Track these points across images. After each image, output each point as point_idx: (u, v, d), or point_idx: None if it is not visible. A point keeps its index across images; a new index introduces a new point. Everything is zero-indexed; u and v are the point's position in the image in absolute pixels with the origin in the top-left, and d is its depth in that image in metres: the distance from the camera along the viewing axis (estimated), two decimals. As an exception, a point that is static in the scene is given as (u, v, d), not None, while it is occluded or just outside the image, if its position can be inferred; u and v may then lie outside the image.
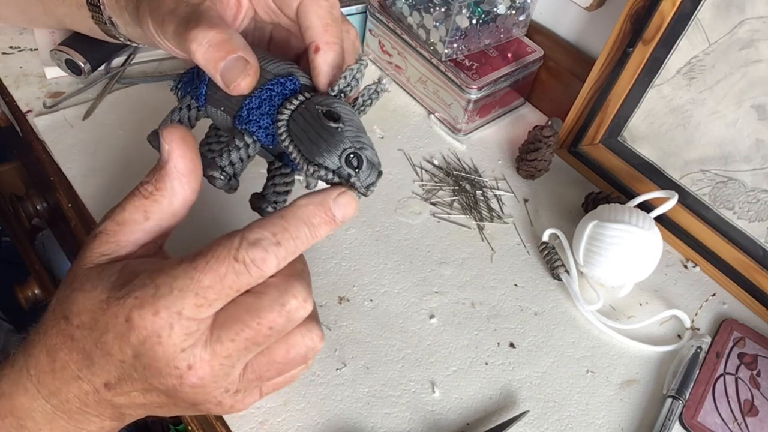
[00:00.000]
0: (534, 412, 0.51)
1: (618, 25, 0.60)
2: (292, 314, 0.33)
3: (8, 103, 0.66)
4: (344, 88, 0.38)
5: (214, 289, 0.32)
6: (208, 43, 0.35)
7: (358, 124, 0.37)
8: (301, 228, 0.33)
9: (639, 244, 0.55)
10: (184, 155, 0.35)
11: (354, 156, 0.36)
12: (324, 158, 0.36)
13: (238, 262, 0.31)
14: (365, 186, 0.37)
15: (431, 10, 0.66)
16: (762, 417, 0.53)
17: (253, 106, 0.38)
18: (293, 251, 0.33)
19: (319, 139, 0.36)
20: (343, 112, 0.36)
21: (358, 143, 0.36)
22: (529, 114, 0.76)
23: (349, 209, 0.35)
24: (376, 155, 0.38)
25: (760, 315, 0.60)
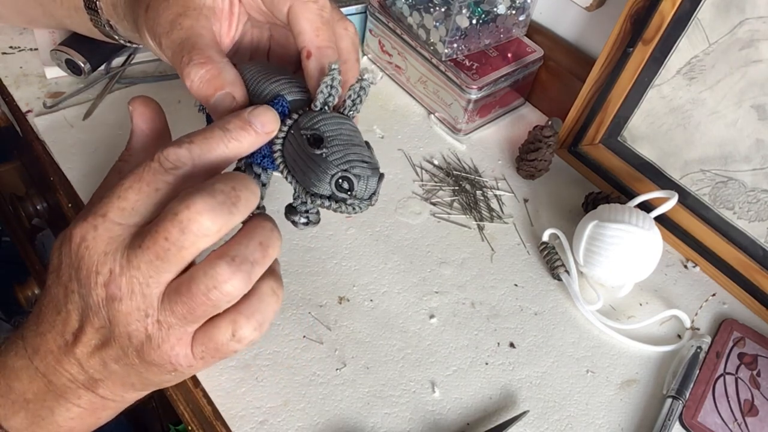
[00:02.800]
0: (534, 412, 0.51)
1: (618, 25, 0.60)
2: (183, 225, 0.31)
3: (8, 103, 0.66)
4: (326, 100, 0.37)
5: (134, 189, 0.33)
6: (199, 80, 0.37)
7: (346, 138, 0.37)
8: (215, 130, 0.34)
9: (639, 244, 0.55)
10: (142, 113, 0.39)
11: (343, 180, 0.36)
12: (317, 187, 0.36)
13: (153, 160, 0.33)
14: (366, 198, 0.37)
15: (431, 10, 0.66)
16: (762, 417, 0.53)
17: None
18: (207, 149, 0.34)
19: (308, 169, 0.36)
20: (327, 132, 0.36)
21: (345, 164, 0.36)
22: (529, 114, 0.76)
23: (266, 117, 0.35)
24: (371, 160, 0.37)
25: (760, 315, 0.60)
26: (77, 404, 0.36)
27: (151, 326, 0.33)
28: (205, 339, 0.34)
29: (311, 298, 0.55)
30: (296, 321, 0.53)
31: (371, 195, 0.37)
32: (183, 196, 0.32)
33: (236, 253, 0.33)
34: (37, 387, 0.36)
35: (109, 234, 0.33)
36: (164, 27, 0.39)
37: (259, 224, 0.35)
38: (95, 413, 0.38)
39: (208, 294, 0.32)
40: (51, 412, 0.36)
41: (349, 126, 0.37)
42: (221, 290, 0.32)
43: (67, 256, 0.34)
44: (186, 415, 0.49)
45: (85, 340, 0.34)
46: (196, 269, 0.33)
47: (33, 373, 0.36)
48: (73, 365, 0.35)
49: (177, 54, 0.38)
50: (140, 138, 0.40)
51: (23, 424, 0.36)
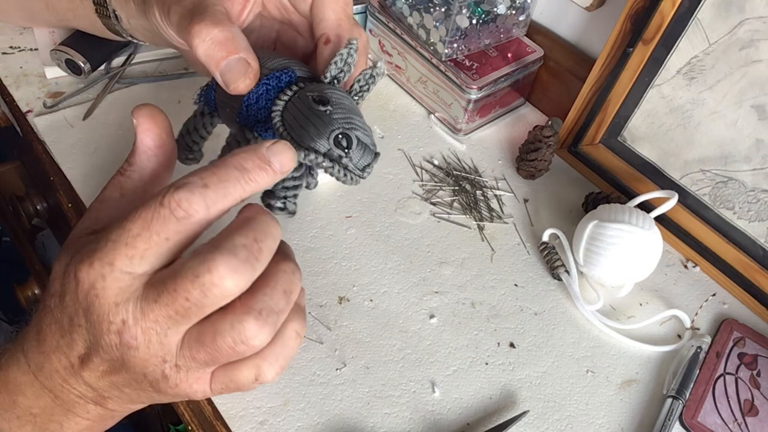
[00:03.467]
0: (534, 412, 0.51)
1: (618, 25, 0.60)
2: (206, 289, 0.30)
3: (8, 103, 0.66)
4: (337, 74, 0.37)
5: (143, 237, 0.31)
6: (211, 40, 0.35)
7: (350, 108, 0.36)
8: (231, 171, 0.32)
9: (639, 244, 0.55)
10: (149, 129, 0.36)
11: (343, 136, 0.35)
12: (314, 142, 0.35)
13: (164, 206, 0.31)
14: (360, 168, 0.36)
15: (431, 10, 0.66)
16: (762, 417, 0.53)
17: (251, 102, 0.38)
18: (223, 194, 0.31)
19: (309, 123, 0.35)
20: (333, 97, 0.36)
21: (348, 124, 0.35)
22: (529, 114, 0.76)
23: (285, 156, 0.33)
24: (370, 136, 0.37)
25: (760, 315, 0.60)
26: (86, 417, 0.37)
27: (168, 369, 0.33)
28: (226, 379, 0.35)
29: (311, 298, 0.55)
30: (296, 321, 0.53)
31: (365, 166, 0.37)
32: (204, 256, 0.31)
33: (262, 305, 0.32)
34: (44, 402, 0.36)
35: (118, 284, 0.31)
36: None
37: (281, 269, 0.34)
38: (103, 422, 0.38)
39: (234, 347, 0.32)
40: (60, 426, 0.36)
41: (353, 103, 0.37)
42: (248, 344, 0.32)
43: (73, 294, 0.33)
44: (186, 415, 0.49)
45: (93, 366, 0.34)
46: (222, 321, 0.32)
47: (38, 388, 0.36)
48: (81, 384, 0.35)
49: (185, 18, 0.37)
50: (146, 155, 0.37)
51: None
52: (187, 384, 0.34)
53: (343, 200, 0.63)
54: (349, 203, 0.63)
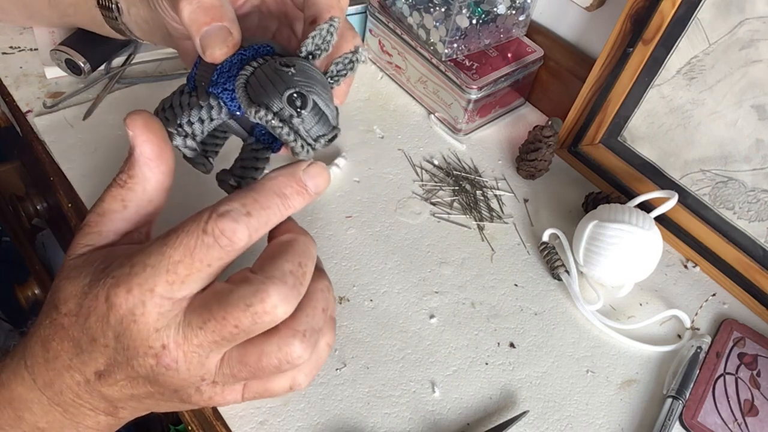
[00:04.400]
0: (534, 412, 0.51)
1: (618, 25, 0.60)
2: (258, 317, 0.31)
3: (8, 103, 0.66)
4: (313, 50, 0.36)
5: (185, 264, 0.31)
6: (197, 3, 0.35)
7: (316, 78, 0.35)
8: (272, 198, 0.32)
9: (639, 244, 0.55)
10: (148, 140, 0.35)
11: (298, 96, 0.34)
12: (267, 98, 0.34)
13: (207, 234, 0.31)
14: (314, 137, 0.35)
15: (431, 10, 0.66)
16: (762, 417, 0.53)
17: (223, 69, 0.37)
18: (265, 222, 0.32)
19: (267, 82, 0.34)
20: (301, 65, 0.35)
21: (308, 87, 0.34)
22: (529, 114, 0.76)
23: (321, 179, 0.34)
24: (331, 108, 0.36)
25: (760, 315, 0.60)
26: (96, 428, 0.37)
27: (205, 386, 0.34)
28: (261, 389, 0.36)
29: (311, 298, 0.55)
30: (296, 321, 0.53)
31: (319, 136, 0.35)
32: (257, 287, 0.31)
33: (306, 326, 0.33)
34: (52, 417, 0.36)
35: (158, 310, 0.31)
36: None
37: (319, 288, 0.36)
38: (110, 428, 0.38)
39: (279, 367, 0.33)
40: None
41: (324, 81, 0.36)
42: (294, 364, 0.33)
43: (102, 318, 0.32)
44: (186, 415, 0.49)
45: (112, 381, 0.34)
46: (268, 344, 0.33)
47: (46, 404, 0.35)
48: (95, 398, 0.35)
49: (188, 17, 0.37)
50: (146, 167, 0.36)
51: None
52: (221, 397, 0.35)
53: (343, 200, 0.63)
54: (349, 203, 0.63)
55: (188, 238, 0.31)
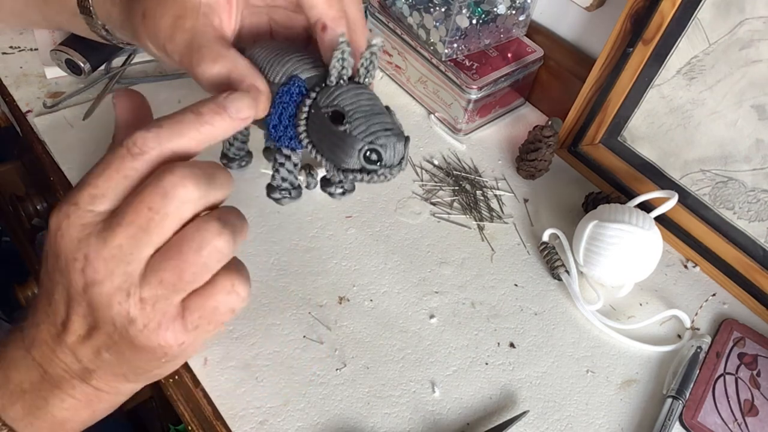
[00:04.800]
0: (534, 412, 0.51)
1: (618, 25, 0.60)
2: (167, 191, 0.32)
3: (8, 103, 0.66)
4: (341, 73, 0.37)
5: (103, 176, 0.33)
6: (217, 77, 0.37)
7: (366, 109, 0.36)
8: (186, 114, 0.34)
9: (639, 244, 0.55)
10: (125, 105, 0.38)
11: (370, 152, 0.36)
12: (346, 163, 0.36)
13: (122, 146, 0.33)
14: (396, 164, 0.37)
15: (431, 10, 0.66)
16: (762, 417, 0.53)
17: (274, 123, 0.39)
18: (178, 133, 0.33)
19: (335, 146, 0.36)
20: (347, 106, 0.36)
21: (370, 135, 0.36)
22: (529, 114, 0.76)
23: (241, 103, 0.35)
24: (394, 124, 0.37)
25: (760, 315, 0.60)
26: (71, 395, 0.36)
27: (133, 307, 0.33)
28: (201, 301, 0.34)
29: (311, 298, 0.55)
30: (296, 321, 0.53)
31: (400, 160, 0.37)
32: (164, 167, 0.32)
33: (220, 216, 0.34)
34: (33, 377, 0.36)
35: (80, 221, 0.33)
36: (166, 32, 0.39)
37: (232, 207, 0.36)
38: (90, 405, 0.38)
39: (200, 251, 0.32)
40: (45, 402, 0.36)
41: (366, 95, 0.37)
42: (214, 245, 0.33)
43: (48, 246, 0.34)
44: (186, 415, 0.49)
45: (73, 329, 0.34)
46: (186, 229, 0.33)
47: (30, 363, 0.36)
48: (66, 354, 0.35)
49: (185, 57, 0.38)
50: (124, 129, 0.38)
51: (20, 415, 0.37)
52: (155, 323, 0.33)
53: (343, 200, 0.63)
54: (349, 203, 0.63)
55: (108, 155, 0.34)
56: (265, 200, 0.42)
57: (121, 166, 0.33)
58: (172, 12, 0.39)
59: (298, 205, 0.61)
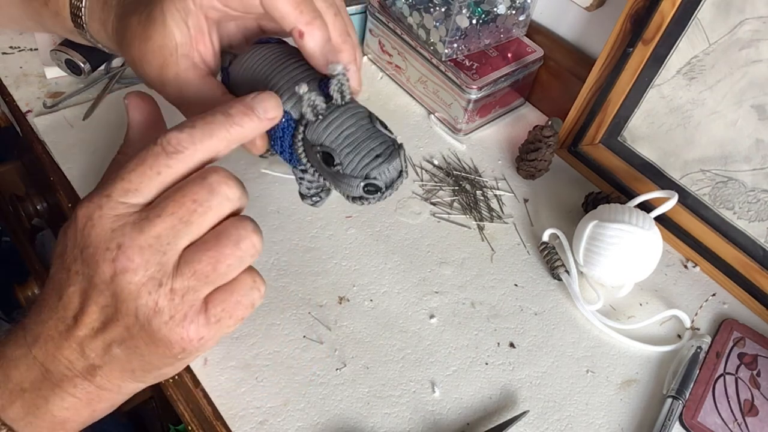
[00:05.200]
0: (534, 412, 0.51)
1: (618, 25, 0.60)
2: (213, 187, 0.34)
3: (8, 103, 0.66)
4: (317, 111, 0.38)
5: (137, 172, 0.34)
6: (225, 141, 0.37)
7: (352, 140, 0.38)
8: (217, 115, 0.35)
9: (639, 244, 0.55)
10: (137, 105, 0.40)
11: (367, 186, 0.37)
12: (352, 193, 0.38)
13: (156, 144, 0.34)
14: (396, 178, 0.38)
15: (431, 10, 0.66)
16: (762, 417, 0.53)
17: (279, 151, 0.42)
18: (209, 133, 0.34)
19: (336, 182, 0.39)
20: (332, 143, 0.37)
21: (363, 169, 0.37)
22: (529, 114, 0.76)
23: (269, 104, 0.36)
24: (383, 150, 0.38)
25: (760, 315, 0.60)
26: (72, 394, 0.36)
27: (162, 298, 0.33)
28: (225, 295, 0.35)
29: (311, 298, 0.55)
30: (296, 321, 0.53)
31: (399, 173, 0.38)
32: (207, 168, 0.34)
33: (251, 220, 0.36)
34: (34, 376, 0.36)
35: (114, 212, 0.33)
36: (157, 83, 0.41)
37: None
38: (90, 404, 0.37)
39: (238, 244, 0.34)
40: (45, 402, 0.36)
41: (349, 119, 0.38)
42: (251, 240, 0.35)
43: (72, 237, 0.34)
44: (186, 415, 0.49)
45: (87, 321, 0.34)
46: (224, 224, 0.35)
47: (31, 361, 0.36)
48: (73, 350, 0.35)
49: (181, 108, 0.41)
50: (137, 130, 0.41)
51: (19, 414, 0.36)
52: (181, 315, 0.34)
53: (343, 200, 0.62)
54: (349, 203, 0.62)
55: (142, 151, 0.34)
56: (265, 200, 0.43)
57: (155, 163, 0.34)
58: (156, 62, 0.41)
59: (298, 205, 0.61)
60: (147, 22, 0.40)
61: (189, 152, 0.34)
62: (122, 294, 0.33)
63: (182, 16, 0.39)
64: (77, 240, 0.34)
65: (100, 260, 0.33)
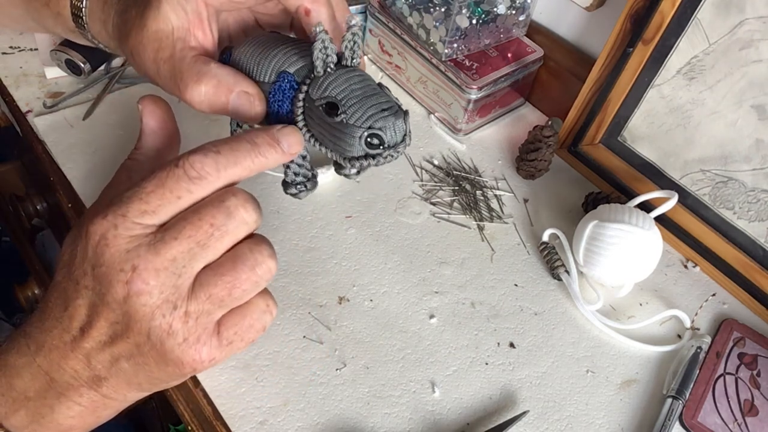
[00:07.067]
0: (534, 412, 0.51)
1: (618, 25, 0.60)
2: (231, 210, 0.33)
3: (8, 103, 0.66)
4: (326, 61, 0.37)
5: (156, 194, 0.33)
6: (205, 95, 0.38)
7: (358, 94, 0.36)
8: (243, 143, 0.35)
9: (639, 244, 0.55)
10: (152, 111, 0.39)
11: (371, 137, 0.36)
12: (350, 152, 0.36)
13: (178, 166, 0.33)
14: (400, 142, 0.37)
15: (431, 10, 0.66)
16: (762, 417, 0.53)
17: (273, 121, 0.40)
18: (234, 162, 0.34)
19: (336, 137, 0.36)
20: (338, 94, 0.36)
21: (367, 120, 0.35)
22: (529, 114, 0.76)
23: (293, 138, 0.36)
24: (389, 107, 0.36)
25: (760, 315, 0.60)
26: (78, 402, 0.36)
27: (177, 320, 0.33)
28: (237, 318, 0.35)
29: (311, 298, 0.55)
30: (296, 321, 0.53)
31: (404, 136, 0.37)
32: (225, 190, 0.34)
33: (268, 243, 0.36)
34: (38, 384, 0.36)
35: (129, 233, 0.33)
36: (152, 68, 0.40)
37: None
38: (95, 412, 0.37)
39: (254, 269, 0.34)
40: (51, 410, 0.36)
41: (356, 77, 0.37)
42: (268, 265, 0.34)
43: (82, 252, 0.34)
44: (186, 415, 0.49)
45: (95, 334, 0.34)
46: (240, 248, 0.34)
47: (35, 370, 0.36)
48: (79, 361, 0.35)
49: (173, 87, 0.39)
50: (150, 137, 0.40)
51: (23, 423, 0.36)
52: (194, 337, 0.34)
53: (343, 200, 0.63)
54: (349, 203, 0.63)
55: (162, 171, 0.33)
56: (265, 200, 0.43)
57: (176, 187, 0.33)
58: (152, 47, 0.40)
59: (299, 205, 0.61)
60: (144, 10, 0.39)
61: (212, 179, 0.34)
62: (136, 315, 0.33)
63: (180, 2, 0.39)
64: (88, 255, 0.34)
65: (113, 280, 0.33)
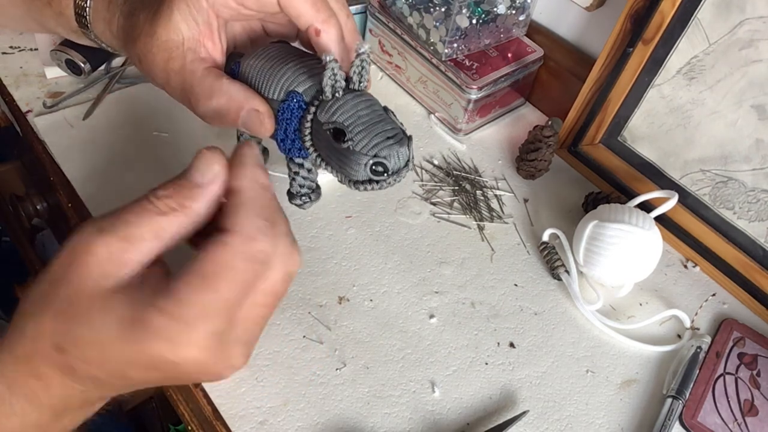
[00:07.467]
0: (534, 412, 0.51)
1: (618, 25, 0.60)
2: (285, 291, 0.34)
3: (8, 103, 0.66)
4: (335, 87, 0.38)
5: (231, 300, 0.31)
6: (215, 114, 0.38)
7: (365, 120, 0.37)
8: None
9: (639, 244, 0.55)
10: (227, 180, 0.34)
11: (376, 165, 0.37)
12: (357, 175, 0.38)
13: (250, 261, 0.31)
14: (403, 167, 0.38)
15: (431, 10, 0.66)
16: (762, 417, 0.53)
17: (281, 137, 0.41)
18: None
19: (342, 162, 0.38)
20: (345, 120, 0.37)
21: (373, 149, 0.36)
22: (529, 114, 0.76)
23: None
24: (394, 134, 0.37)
25: (760, 315, 0.60)
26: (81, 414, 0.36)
27: None
28: None
29: (311, 298, 0.55)
30: (296, 321, 0.53)
31: (407, 162, 0.38)
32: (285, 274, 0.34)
33: None
34: None
35: None
36: (161, 77, 0.40)
37: None
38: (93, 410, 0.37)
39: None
40: None
41: (363, 103, 0.38)
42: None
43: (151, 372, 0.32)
44: (186, 415, 0.49)
45: None
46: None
47: None
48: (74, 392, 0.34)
49: (184, 99, 0.40)
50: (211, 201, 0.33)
51: None
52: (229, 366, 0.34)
53: (343, 200, 0.63)
54: (349, 203, 0.63)
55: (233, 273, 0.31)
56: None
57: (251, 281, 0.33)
58: (161, 56, 0.40)
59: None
60: (154, 18, 0.39)
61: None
62: None
63: (191, 13, 0.39)
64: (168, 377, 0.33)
65: None
